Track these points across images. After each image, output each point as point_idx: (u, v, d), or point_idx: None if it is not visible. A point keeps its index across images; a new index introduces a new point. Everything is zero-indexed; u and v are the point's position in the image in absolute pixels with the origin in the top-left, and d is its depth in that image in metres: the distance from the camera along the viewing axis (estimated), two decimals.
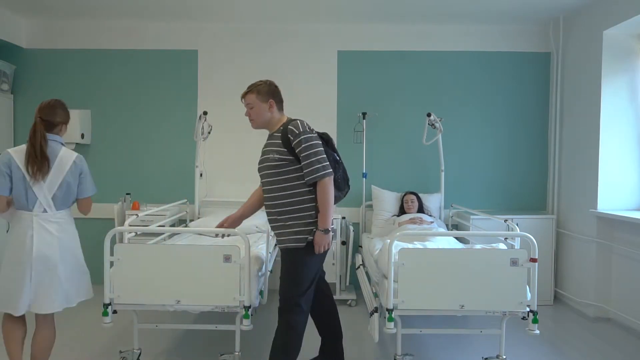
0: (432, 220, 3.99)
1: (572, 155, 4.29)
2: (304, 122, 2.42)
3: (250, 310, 2.53)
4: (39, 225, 2.33)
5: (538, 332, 2.52)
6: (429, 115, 4.19)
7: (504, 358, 2.74)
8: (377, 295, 2.98)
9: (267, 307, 3.75)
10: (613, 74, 3.85)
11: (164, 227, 3.68)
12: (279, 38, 4.67)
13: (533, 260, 2.51)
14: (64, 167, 2.38)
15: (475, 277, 2.49)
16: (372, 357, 3.08)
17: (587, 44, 4.05)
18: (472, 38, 4.65)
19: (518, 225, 3.23)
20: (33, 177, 2.31)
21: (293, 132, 2.36)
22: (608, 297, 3.85)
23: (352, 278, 4.32)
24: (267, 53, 4.67)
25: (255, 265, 2.73)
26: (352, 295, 4.20)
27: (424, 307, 2.51)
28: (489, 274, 2.49)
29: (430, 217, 4.11)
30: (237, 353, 2.68)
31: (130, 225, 3.08)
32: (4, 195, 2.34)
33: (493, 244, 2.98)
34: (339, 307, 4.02)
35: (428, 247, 3.03)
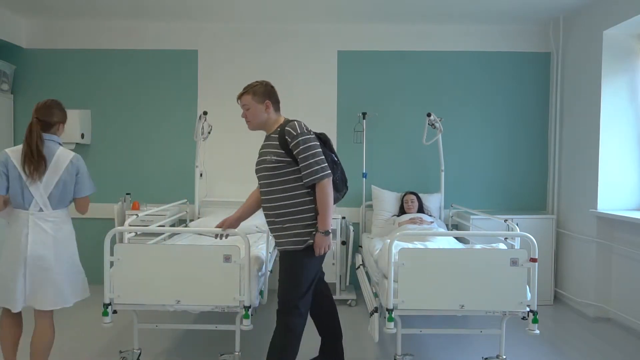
0: (432, 220, 3.99)
1: (572, 155, 4.29)
2: (301, 123, 2.39)
3: (250, 310, 2.54)
4: (35, 224, 2.35)
5: (538, 332, 2.52)
6: (429, 115, 4.19)
7: (504, 358, 2.74)
8: (377, 295, 2.98)
9: (267, 307, 3.76)
10: (613, 74, 3.85)
11: (164, 227, 3.68)
12: (279, 38, 4.67)
13: (533, 260, 2.51)
14: (61, 166, 2.38)
15: (475, 277, 2.49)
16: (372, 357, 3.08)
17: (587, 44, 4.05)
18: (472, 38, 4.65)
19: (518, 225, 3.24)
20: (30, 176, 2.32)
21: (290, 133, 2.33)
22: (608, 297, 3.85)
23: (352, 278, 4.33)
24: (267, 53, 4.67)
25: (255, 265, 2.73)
26: (352, 295, 4.20)
27: (424, 307, 2.51)
28: (489, 274, 2.49)
29: (430, 217, 4.11)
30: (237, 353, 2.68)
31: (130, 225, 3.08)
32: (1, 194, 2.35)
33: (493, 244, 2.98)
34: (339, 307, 4.04)
35: (429, 247, 3.04)
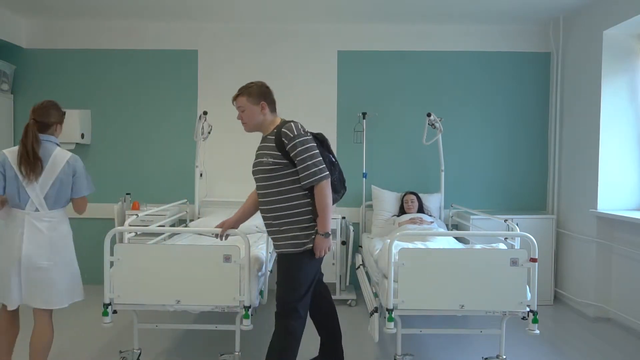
0: (432, 220, 3.99)
1: (572, 155, 4.29)
2: (298, 124, 2.35)
3: (250, 310, 2.54)
4: (30, 224, 2.36)
5: (538, 332, 2.52)
6: (429, 115, 4.19)
7: (504, 358, 2.74)
8: (377, 295, 2.98)
9: (267, 307, 3.75)
10: (613, 74, 3.85)
11: (164, 227, 3.68)
12: (279, 38, 4.67)
13: (533, 260, 2.51)
14: (57, 167, 2.39)
15: (475, 277, 2.49)
16: (372, 357, 3.08)
17: (587, 44, 4.05)
18: (472, 38, 4.65)
19: (518, 225, 3.23)
20: (26, 177, 2.34)
21: (287, 135, 2.29)
22: (608, 297, 3.85)
23: (352, 278, 4.33)
24: (267, 53, 4.67)
25: (255, 265, 2.73)
26: (352, 295, 4.20)
27: (424, 307, 2.51)
28: (489, 274, 2.49)
29: (430, 217, 4.11)
30: (237, 353, 2.68)
31: (130, 225, 3.08)
32: None
33: (493, 244, 2.98)
34: (339, 307, 4.03)
35: (429, 247, 3.04)
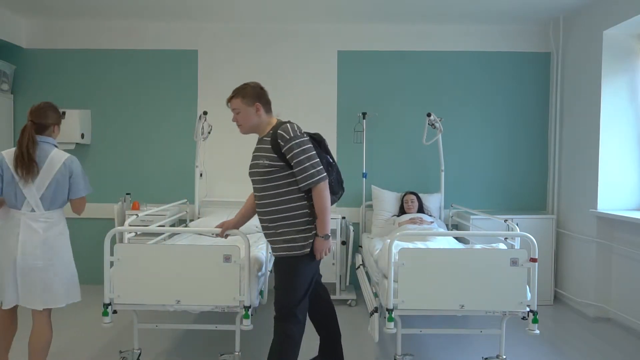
0: (432, 220, 3.99)
1: (572, 155, 4.29)
2: (294, 125, 2.33)
3: (250, 310, 2.54)
4: (26, 224, 2.38)
5: (538, 332, 2.52)
6: (429, 115, 4.19)
7: (504, 358, 2.74)
8: (377, 295, 2.98)
9: (267, 307, 3.75)
10: (613, 74, 3.85)
11: (164, 227, 3.68)
12: (279, 38, 4.67)
13: (533, 260, 2.51)
14: (54, 168, 2.40)
15: (475, 277, 2.49)
16: (372, 357, 3.08)
17: (587, 44, 4.05)
18: (472, 38, 4.65)
19: (518, 225, 3.23)
20: (22, 178, 2.35)
21: (283, 137, 2.27)
22: (608, 297, 3.85)
23: (352, 278, 4.33)
24: (267, 53, 4.67)
25: (255, 265, 2.73)
26: (352, 295, 4.20)
27: (424, 307, 2.51)
28: (489, 274, 2.49)
29: (430, 217, 4.11)
30: (237, 353, 2.68)
31: (130, 225, 3.08)
32: None
33: (493, 244, 2.98)
34: (339, 307, 4.04)
35: (430, 247, 3.03)
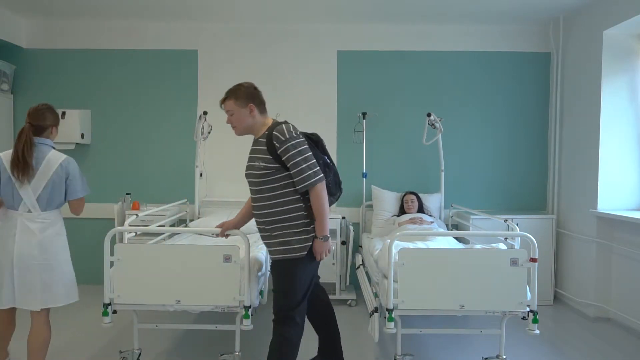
0: (432, 220, 3.99)
1: (572, 155, 4.29)
2: (290, 125, 2.29)
3: (250, 310, 2.54)
4: (23, 225, 2.40)
5: (538, 332, 2.52)
6: (429, 115, 4.19)
7: (504, 358, 2.74)
8: (377, 295, 2.98)
9: (267, 307, 3.75)
10: (613, 74, 3.85)
11: (164, 227, 3.68)
12: (279, 38, 4.67)
13: (533, 260, 2.51)
14: (50, 169, 2.42)
15: (475, 277, 2.49)
16: (372, 357, 3.08)
17: (587, 44, 4.05)
18: (472, 38, 4.65)
19: (518, 225, 3.23)
20: (18, 180, 2.37)
21: (278, 138, 2.23)
22: (608, 297, 3.85)
23: (352, 278, 4.33)
24: (267, 53, 4.67)
25: (255, 265, 2.73)
26: (352, 295, 4.20)
27: (424, 307, 2.51)
28: (489, 274, 2.49)
29: (430, 217, 4.11)
30: (237, 353, 2.68)
31: (130, 225, 3.08)
32: None
33: (493, 244, 2.98)
34: (339, 307, 4.05)
35: (430, 247, 3.03)
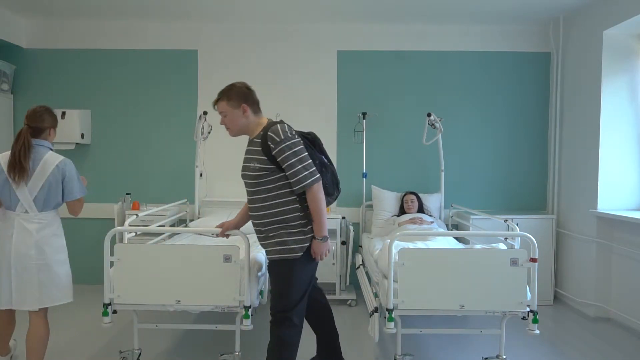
0: (432, 220, 3.99)
1: (572, 155, 4.29)
2: (285, 125, 2.26)
3: (250, 310, 2.54)
4: (20, 225, 2.42)
5: (538, 332, 2.52)
6: (429, 115, 4.19)
7: (504, 358, 2.74)
8: (377, 295, 2.98)
9: (267, 307, 3.74)
10: (613, 74, 3.85)
11: (164, 227, 3.68)
12: (279, 38, 4.67)
13: (533, 260, 2.51)
14: (47, 170, 2.44)
15: (475, 277, 2.49)
16: (372, 357, 3.08)
17: (587, 44, 4.05)
18: (472, 38, 4.64)
19: (518, 225, 3.23)
20: (14, 181, 2.40)
21: (273, 139, 2.20)
22: (608, 297, 3.85)
23: (352, 278, 4.32)
24: (267, 53, 4.67)
25: (255, 265, 2.73)
26: (352, 295, 4.20)
27: (424, 307, 2.51)
28: (489, 274, 2.49)
29: (430, 217, 4.11)
30: (237, 353, 2.68)
31: (130, 225, 3.08)
32: None
33: (493, 244, 2.98)
34: (339, 307, 4.05)
35: (430, 247, 3.03)
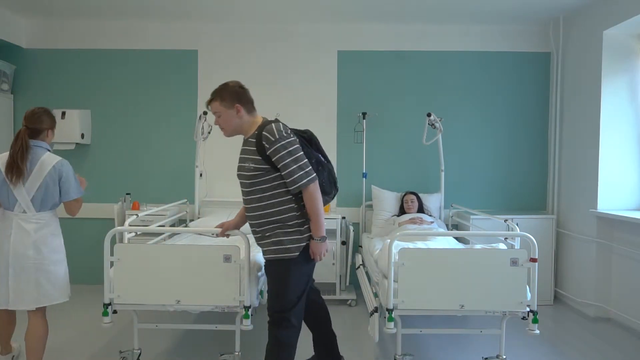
0: (432, 220, 3.99)
1: (572, 155, 4.29)
2: (279, 124, 2.23)
3: (250, 310, 2.54)
4: (18, 225, 2.45)
5: (538, 332, 2.52)
6: (429, 115, 4.19)
7: (504, 358, 2.74)
8: (377, 295, 2.98)
9: (267, 307, 3.76)
10: (613, 74, 3.85)
11: (164, 227, 3.68)
12: (279, 38, 4.67)
13: (533, 260, 2.51)
14: (44, 171, 2.46)
15: (475, 277, 2.49)
16: (372, 357, 3.08)
17: (587, 44, 4.05)
18: (472, 38, 4.64)
19: (518, 225, 3.23)
20: (11, 182, 2.42)
21: (268, 139, 2.18)
22: (608, 297, 3.85)
23: (352, 278, 4.32)
24: (267, 53, 4.67)
25: (255, 265, 2.73)
26: (352, 295, 4.20)
27: (424, 307, 2.51)
28: (489, 274, 2.49)
29: (430, 217, 4.11)
30: (237, 353, 2.68)
31: (130, 225, 3.08)
32: None
33: (493, 244, 2.98)
34: (339, 307, 4.05)
35: (430, 247, 3.03)
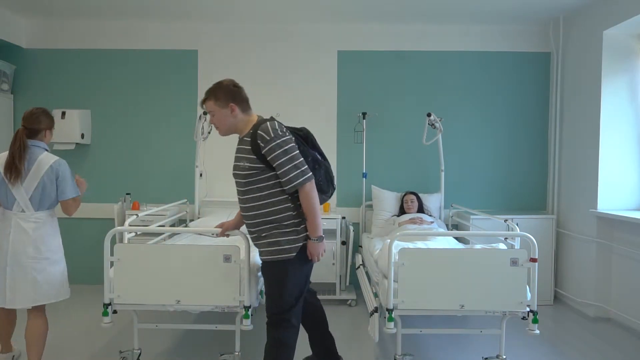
0: (432, 220, 3.99)
1: (572, 155, 4.29)
2: (275, 123, 2.20)
3: (250, 310, 2.54)
4: (17, 224, 2.48)
5: (538, 332, 2.52)
6: (429, 115, 4.19)
7: (504, 358, 2.74)
8: (377, 295, 2.98)
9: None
10: (613, 74, 3.85)
11: (164, 227, 3.68)
12: (279, 38, 4.67)
13: (533, 260, 2.51)
14: (41, 171, 2.49)
15: (475, 277, 2.49)
16: (372, 357, 3.08)
17: (587, 44, 4.05)
18: (472, 38, 4.64)
19: (518, 225, 3.23)
20: (9, 182, 2.45)
21: (263, 138, 2.15)
22: (608, 297, 3.85)
23: (352, 278, 4.32)
24: (267, 53, 4.67)
25: (255, 266, 2.73)
26: (352, 295, 4.20)
27: (424, 307, 2.51)
28: (489, 274, 2.49)
29: (430, 217, 4.11)
30: (237, 353, 2.68)
31: (130, 225, 3.08)
32: None
33: (493, 244, 2.98)
34: (339, 307, 4.05)
35: (430, 247, 3.03)
